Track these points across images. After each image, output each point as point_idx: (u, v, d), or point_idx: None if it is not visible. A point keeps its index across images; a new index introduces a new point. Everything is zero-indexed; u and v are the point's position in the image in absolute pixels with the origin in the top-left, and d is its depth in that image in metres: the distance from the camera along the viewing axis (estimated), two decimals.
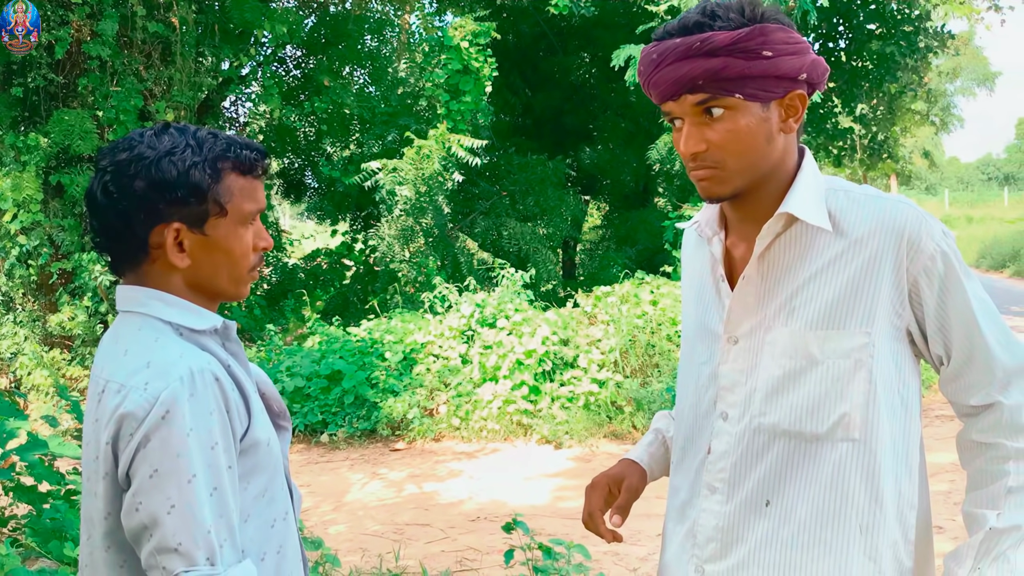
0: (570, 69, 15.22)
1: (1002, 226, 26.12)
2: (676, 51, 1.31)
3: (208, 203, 1.34)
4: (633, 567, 4.57)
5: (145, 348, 1.30)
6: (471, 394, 7.65)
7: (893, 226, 1.35)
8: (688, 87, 1.32)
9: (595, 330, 8.30)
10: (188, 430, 1.23)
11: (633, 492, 1.66)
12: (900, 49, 12.15)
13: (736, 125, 1.33)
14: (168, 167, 1.31)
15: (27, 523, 3.45)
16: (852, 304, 1.36)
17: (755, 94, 1.32)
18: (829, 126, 13.38)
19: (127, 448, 1.23)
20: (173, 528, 1.20)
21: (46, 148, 8.64)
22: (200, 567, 1.21)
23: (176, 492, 1.21)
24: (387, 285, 10.96)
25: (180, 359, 1.27)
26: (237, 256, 1.39)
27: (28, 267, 8.95)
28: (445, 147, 10.13)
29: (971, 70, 39.07)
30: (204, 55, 10.26)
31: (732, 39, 1.28)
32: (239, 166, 1.37)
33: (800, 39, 1.33)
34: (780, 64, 1.31)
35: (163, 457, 1.21)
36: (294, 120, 12.54)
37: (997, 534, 1.33)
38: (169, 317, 1.34)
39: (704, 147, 1.35)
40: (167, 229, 1.33)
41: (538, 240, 11.59)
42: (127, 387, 1.25)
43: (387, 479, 6.46)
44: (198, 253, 1.36)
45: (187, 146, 1.33)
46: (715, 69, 1.29)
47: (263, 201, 1.43)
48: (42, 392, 8.59)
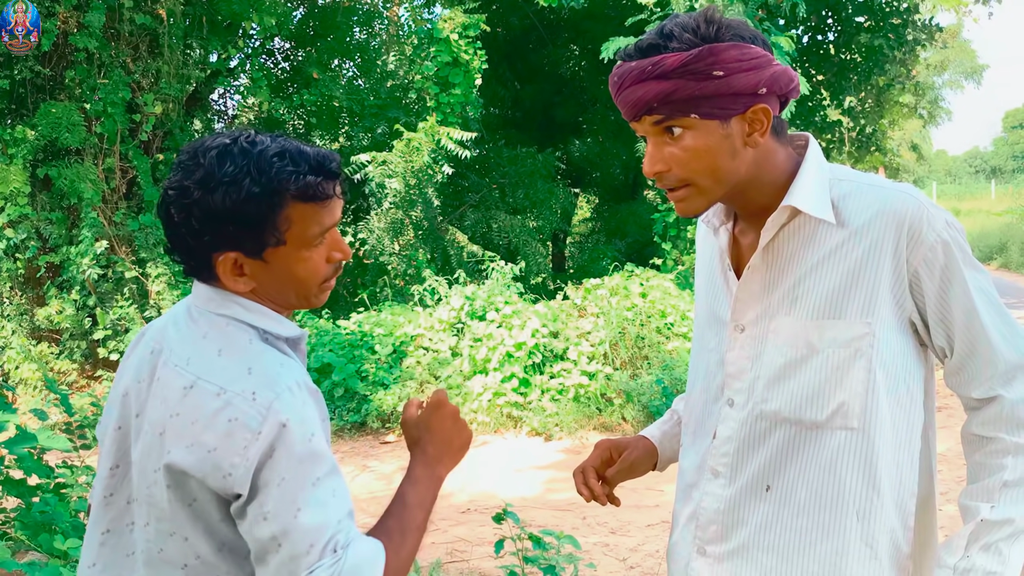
0: (559, 62, 15.22)
1: (989, 219, 26.28)
2: (632, 74, 1.34)
3: (265, 234, 1.28)
4: (623, 557, 4.60)
5: (242, 352, 1.28)
6: (461, 386, 7.66)
7: (894, 215, 1.35)
8: (644, 109, 1.34)
9: (585, 322, 8.31)
10: (309, 436, 1.23)
11: (628, 464, 1.70)
12: (888, 42, 12.20)
13: (696, 143, 1.35)
14: (222, 199, 1.25)
15: (16, 516, 3.44)
16: (851, 293, 1.37)
17: (711, 112, 1.33)
18: (818, 119, 13.44)
19: (242, 459, 1.20)
20: (303, 532, 1.19)
21: (33, 141, 8.58)
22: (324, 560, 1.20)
23: (302, 496, 1.20)
24: (377, 278, 10.95)
25: (282, 368, 1.26)
26: (302, 278, 1.34)
27: (15, 260, 8.90)
28: (435, 140, 10.12)
29: (959, 63, 39.23)
30: (192, 47, 10.21)
31: (680, 61, 1.30)
32: (302, 195, 1.28)
33: (758, 54, 1.33)
34: (733, 82, 1.31)
35: (289, 464, 1.20)
36: (283, 113, 12.51)
37: (989, 526, 1.34)
38: (253, 321, 1.32)
39: (665, 167, 1.37)
40: (224, 257, 1.29)
41: (528, 233, 11.60)
42: (230, 393, 1.23)
43: (377, 471, 6.46)
44: (261, 276, 1.32)
45: (247, 173, 1.26)
46: (667, 92, 1.31)
47: (336, 216, 1.35)
48: (30, 386, 8.55)
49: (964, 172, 61.13)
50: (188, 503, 1.26)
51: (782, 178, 1.42)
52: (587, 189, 17.03)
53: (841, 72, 12.88)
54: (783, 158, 1.43)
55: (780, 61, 6.37)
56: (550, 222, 12.64)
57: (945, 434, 6.71)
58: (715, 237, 1.55)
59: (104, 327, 8.76)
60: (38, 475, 3.34)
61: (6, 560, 2.97)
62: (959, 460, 6.06)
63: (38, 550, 3.29)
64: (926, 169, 54.14)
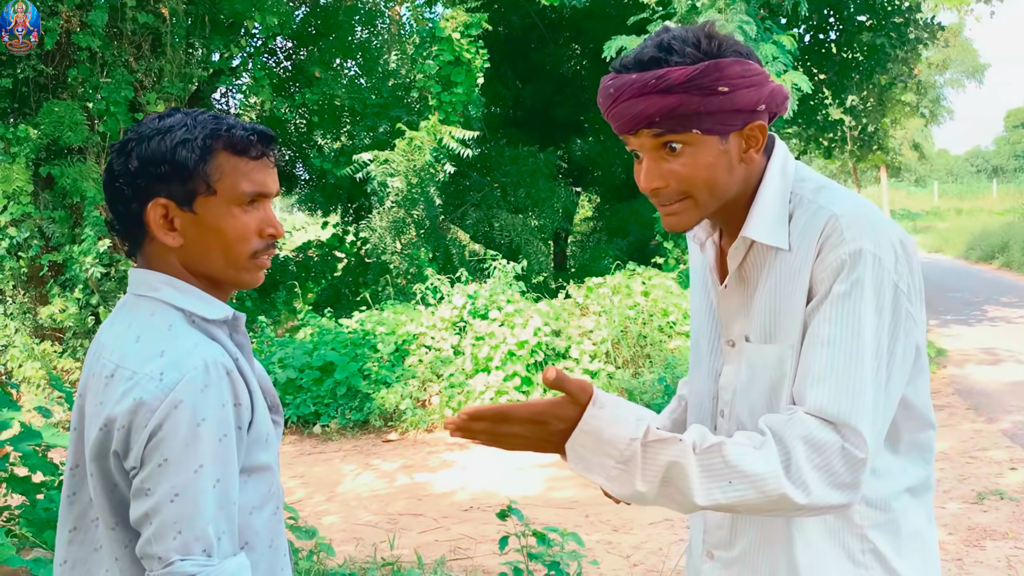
0: (561, 61, 15.22)
1: (991, 218, 26.28)
2: (632, 87, 1.31)
3: (195, 180, 1.33)
4: (626, 554, 4.60)
5: (159, 336, 1.30)
6: (463, 385, 7.67)
7: (813, 234, 1.34)
8: (645, 123, 1.32)
9: (587, 321, 8.33)
10: (199, 420, 1.24)
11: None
12: (890, 41, 12.19)
13: (695, 159, 1.34)
14: (158, 144, 1.32)
15: (21, 513, 3.46)
16: (781, 316, 1.38)
17: (713, 128, 1.32)
18: (820, 118, 13.44)
19: (139, 437, 1.23)
20: (174, 516, 1.21)
21: (36, 140, 8.59)
22: (195, 557, 1.22)
23: (181, 481, 1.22)
24: (379, 277, 10.96)
25: (195, 349, 1.28)
26: (231, 238, 1.36)
27: (18, 259, 8.92)
28: (436, 138, 10.12)
29: (961, 62, 39.21)
30: (194, 46, 10.22)
31: (687, 76, 1.28)
32: (231, 145, 1.34)
33: (758, 71, 1.33)
34: (737, 98, 1.31)
35: (173, 446, 1.22)
36: (285, 112, 12.50)
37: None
38: (181, 304, 1.35)
39: (663, 183, 1.36)
40: (154, 205, 1.33)
41: (529, 231, 11.61)
42: (140, 375, 1.26)
43: (380, 470, 6.47)
44: (189, 232, 1.35)
45: (183, 125, 1.33)
46: (671, 106, 1.29)
47: (268, 186, 1.39)
48: (33, 384, 8.57)
49: (966, 171, 61.06)
50: (111, 488, 1.30)
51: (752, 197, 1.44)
52: (588, 188, 17.03)
53: (843, 71, 12.88)
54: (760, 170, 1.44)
55: (783, 60, 6.46)
56: (552, 221, 12.65)
57: (947, 432, 6.72)
58: (701, 252, 1.57)
59: None
60: (43, 472, 3.35)
61: (11, 557, 2.98)
62: (960, 458, 6.07)
63: (43, 547, 3.31)
64: (928, 168, 54.09)
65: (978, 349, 10.10)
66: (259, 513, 1.37)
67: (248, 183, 1.36)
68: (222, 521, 1.25)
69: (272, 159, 1.41)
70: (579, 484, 5.91)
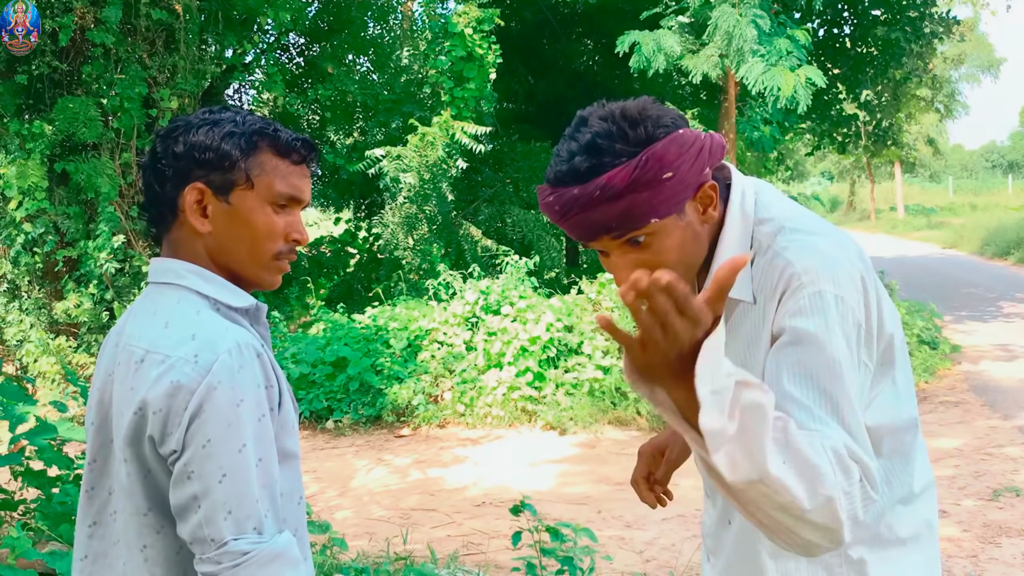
0: (573, 56, 15.18)
1: (1006, 213, 26.11)
2: (578, 203, 1.28)
3: (236, 172, 1.36)
4: (639, 550, 4.60)
5: (188, 321, 1.31)
6: (476, 380, 7.67)
7: (773, 285, 1.31)
8: (602, 232, 1.30)
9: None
10: (239, 400, 1.25)
11: (672, 464, 1.74)
12: (905, 35, 12.10)
13: (662, 245, 1.32)
14: (206, 133, 1.36)
15: (37, 507, 3.48)
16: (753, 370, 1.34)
17: (668, 211, 1.29)
18: (834, 112, 13.36)
19: (179, 420, 1.24)
20: (224, 496, 1.22)
21: (51, 136, 8.64)
22: (248, 535, 1.23)
23: (228, 461, 1.23)
24: (391, 272, 10.97)
25: (226, 332, 1.30)
26: (260, 234, 1.38)
27: (34, 255, 8.97)
28: (449, 134, 10.12)
29: (976, 57, 38.92)
30: (208, 42, 10.25)
31: (629, 177, 1.25)
32: (275, 145, 1.39)
33: (693, 137, 1.28)
34: (683, 176, 1.28)
35: (216, 427, 1.23)
36: (297, 107, 12.52)
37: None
38: (206, 291, 1.36)
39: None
40: (191, 189, 1.36)
41: (542, 227, 11.59)
42: (173, 358, 1.26)
43: (392, 465, 6.49)
44: (220, 221, 1.38)
45: (232, 120, 1.38)
46: (622, 210, 1.26)
47: (303, 192, 1.43)
48: (48, 379, 8.62)
49: (981, 167, 60.67)
50: (144, 474, 1.30)
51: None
52: None
53: (857, 65, 12.79)
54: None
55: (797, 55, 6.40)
56: None
57: (962, 429, 6.69)
58: None
59: None
60: (58, 466, 3.37)
61: (27, 550, 3.00)
62: (975, 455, 6.03)
63: (59, 540, 3.33)
64: (942, 164, 53.78)
65: (993, 345, 10.03)
66: (286, 501, 1.38)
67: (285, 185, 1.40)
68: (267, 499, 1.26)
69: (311, 168, 1.45)
70: (592, 480, 5.91)
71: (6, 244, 9.03)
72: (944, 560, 4.30)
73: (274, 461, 1.29)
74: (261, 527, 1.24)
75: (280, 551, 1.25)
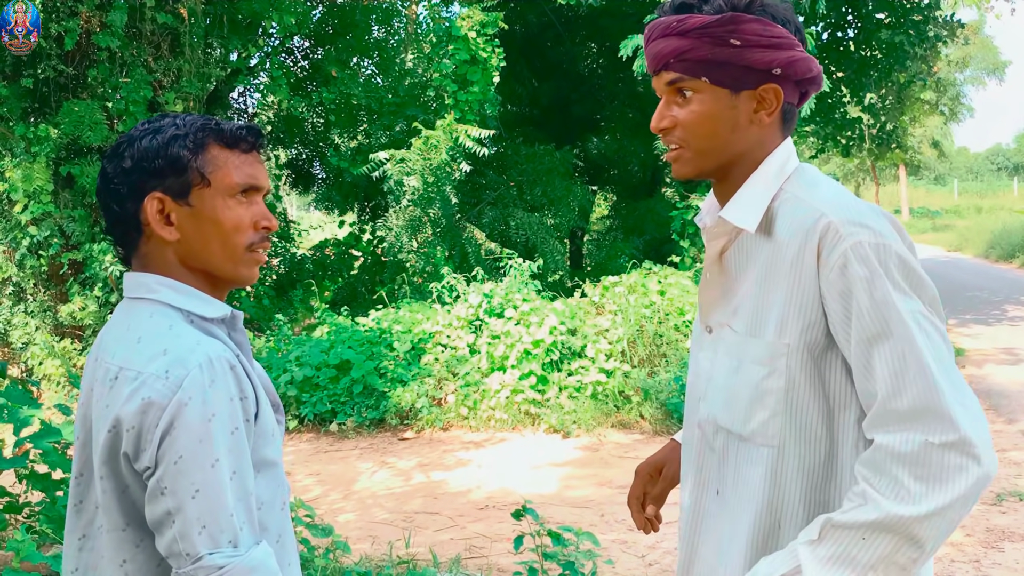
0: (577, 59, 15.20)
1: (1012, 216, 26.01)
2: (658, 28, 1.38)
3: (189, 173, 1.36)
4: (641, 554, 4.60)
5: (160, 336, 1.31)
6: (479, 383, 7.68)
7: (806, 232, 1.32)
8: (662, 64, 1.38)
9: (603, 320, 8.32)
10: (210, 415, 1.25)
11: (669, 480, 1.74)
12: (909, 38, 12.10)
13: (702, 108, 1.37)
14: (150, 142, 1.36)
15: (41, 510, 3.50)
16: (769, 312, 1.36)
17: (722, 80, 1.35)
18: (838, 115, 13.35)
19: (152, 436, 1.24)
20: (198, 512, 1.23)
21: (56, 139, 8.67)
22: (223, 549, 1.23)
23: (200, 476, 1.23)
24: (395, 275, 10.99)
25: (197, 346, 1.29)
26: (228, 229, 1.38)
27: (39, 257, 9.00)
28: (453, 137, 10.14)
29: (981, 59, 38.84)
30: (213, 46, 10.27)
31: (702, 23, 1.33)
32: (221, 137, 1.38)
33: (781, 34, 1.33)
34: (747, 54, 1.33)
35: (187, 443, 1.23)
36: (302, 111, 12.56)
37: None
38: (179, 304, 1.36)
39: (668, 124, 1.41)
40: (151, 199, 1.35)
41: (545, 230, 11.60)
42: (145, 374, 1.26)
43: (396, 468, 6.50)
44: (186, 225, 1.37)
45: (172, 124, 1.38)
46: (683, 49, 1.35)
47: (260, 179, 1.42)
48: (53, 382, 8.65)
49: (986, 169, 60.54)
50: (122, 490, 1.30)
51: None
52: (605, 186, 17.00)
53: (861, 69, 12.78)
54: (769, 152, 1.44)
55: None
56: (568, 219, 12.63)
57: None
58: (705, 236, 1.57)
59: None
60: (62, 469, 3.39)
61: (32, 553, 3.02)
62: None
63: (62, 543, 3.34)
64: (947, 166, 53.69)
65: (997, 349, 10.01)
66: (267, 509, 1.38)
67: (240, 175, 1.39)
68: (242, 512, 1.26)
69: (261, 154, 1.45)
70: (595, 483, 5.91)
71: (11, 247, 9.06)
72: (947, 565, 4.29)
73: (249, 473, 1.29)
74: (236, 540, 1.24)
75: (256, 564, 1.25)
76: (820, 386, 1.34)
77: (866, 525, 1.23)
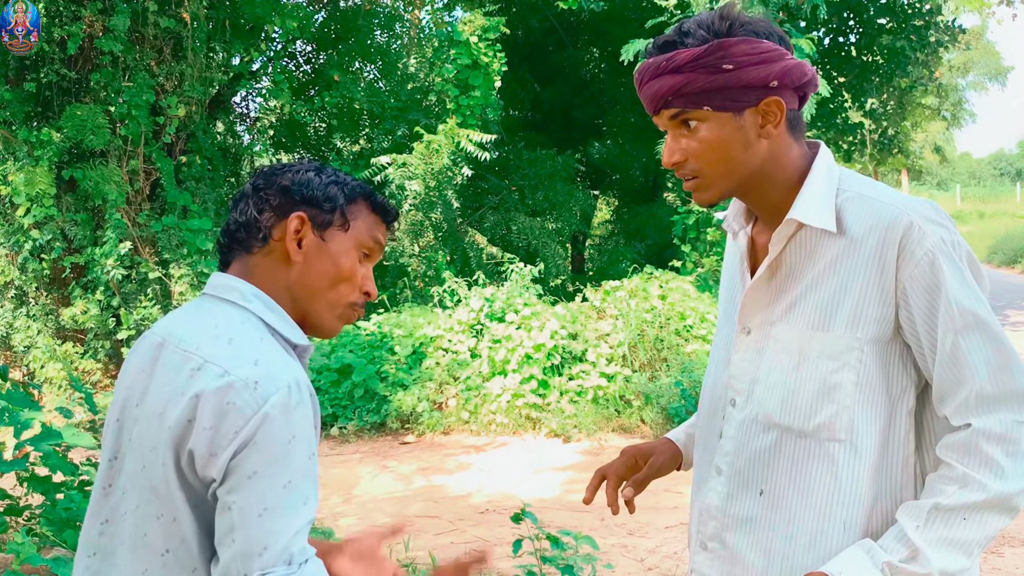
0: (579, 64, 15.22)
1: (1014, 221, 26.03)
2: (649, 70, 1.40)
3: (335, 212, 1.43)
4: (640, 558, 4.60)
5: (252, 344, 1.31)
6: (480, 388, 7.68)
7: (885, 230, 1.36)
8: (662, 103, 1.41)
9: (604, 324, 8.32)
10: (291, 436, 1.24)
11: (655, 470, 1.74)
12: (911, 43, 12.11)
13: (711, 135, 1.39)
14: (312, 176, 1.45)
15: (42, 513, 3.50)
16: (841, 306, 1.38)
17: (724, 105, 1.37)
18: (839, 121, 13.35)
19: (229, 443, 1.22)
20: (261, 532, 1.21)
21: (59, 143, 8.69)
22: (278, 568, 1.21)
23: (271, 496, 1.22)
24: (397, 279, 11.00)
25: (286, 367, 1.29)
26: (343, 274, 1.43)
27: (41, 261, 9.02)
28: (454, 142, 10.15)
29: (983, 64, 38.84)
30: (215, 50, 10.30)
31: (692, 56, 1.35)
32: (371, 201, 1.48)
33: (769, 48, 1.36)
34: (742, 75, 1.35)
35: (264, 460, 1.22)
36: (304, 115, 12.59)
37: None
38: (269, 320, 1.37)
39: (680, 157, 1.43)
40: (295, 217, 1.40)
41: (547, 235, 11.61)
42: (233, 377, 1.25)
43: (396, 472, 6.50)
44: (312, 254, 1.41)
45: (334, 173, 1.48)
46: (679, 84, 1.37)
47: (381, 249, 1.51)
48: (54, 385, 8.66)
49: (988, 174, 60.47)
50: (183, 480, 1.28)
51: (794, 176, 1.45)
52: (606, 191, 17.02)
53: (863, 74, 12.79)
54: (797, 155, 1.45)
55: None
56: (569, 224, 12.65)
57: None
58: (735, 241, 1.59)
59: (128, 327, 8.86)
60: (63, 472, 3.39)
61: (32, 555, 3.02)
62: None
63: (63, 546, 3.34)
64: (950, 171, 53.66)
65: None
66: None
67: (372, 238, 1.48)
68: (303, 537, 1.25)
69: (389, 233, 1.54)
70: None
71: (14, 250, 9.09)
72: None
73: (315, 502, 1.28)
74: (292, 560, 1.22)
75: None
76: (885, 379, 1.39)
77: (973, 505, 1.31)
